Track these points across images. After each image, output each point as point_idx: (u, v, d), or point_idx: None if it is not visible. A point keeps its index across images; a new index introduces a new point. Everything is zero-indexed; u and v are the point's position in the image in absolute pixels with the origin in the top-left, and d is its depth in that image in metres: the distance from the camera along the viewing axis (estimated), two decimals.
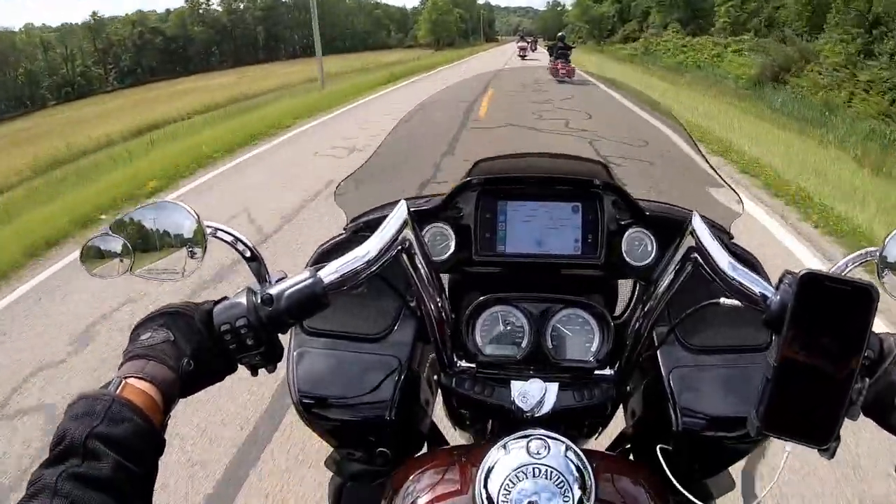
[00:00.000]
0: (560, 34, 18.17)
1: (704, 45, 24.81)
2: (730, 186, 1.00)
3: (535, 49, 40.69)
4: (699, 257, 0.65)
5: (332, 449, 0.89)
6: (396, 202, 0.69)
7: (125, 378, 0.54)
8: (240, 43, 78.50)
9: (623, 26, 42.77)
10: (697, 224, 0.66)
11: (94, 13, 72.14)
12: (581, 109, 1.91)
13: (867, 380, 0.54)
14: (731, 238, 0.92)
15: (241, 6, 78.15)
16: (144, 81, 63.80)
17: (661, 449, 0.74)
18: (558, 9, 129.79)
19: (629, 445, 0.92)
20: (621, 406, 0.93)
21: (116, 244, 0.63)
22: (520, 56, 33.25)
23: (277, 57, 76.12)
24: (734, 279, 0.61)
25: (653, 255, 0.85)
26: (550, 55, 16.84)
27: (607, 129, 1.44)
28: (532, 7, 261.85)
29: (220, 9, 76.90)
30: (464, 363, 0.78)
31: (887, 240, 0.65)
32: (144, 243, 0.64)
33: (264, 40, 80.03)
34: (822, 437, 0.51)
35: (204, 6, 78.07)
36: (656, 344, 0.81)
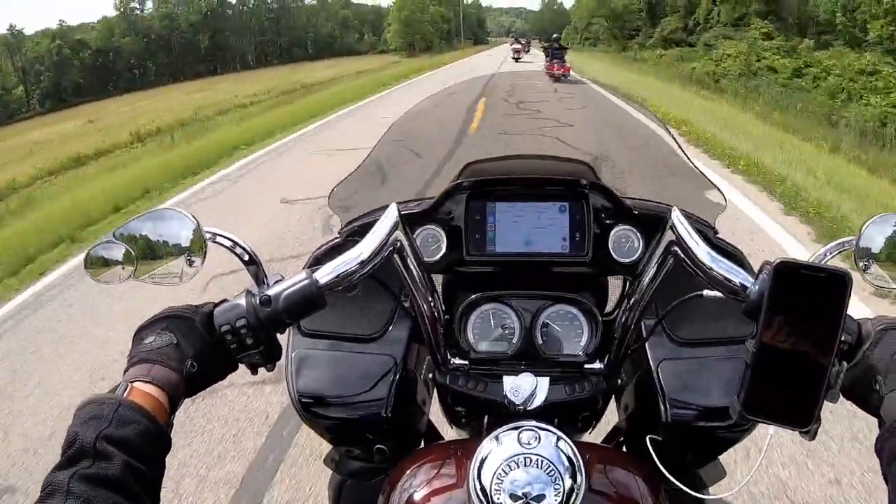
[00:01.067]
0: (555, 36, 18.10)
1: None
2: (713, 183, 1.02)
3: (528, 51, 37.22)
4: (679, 251, 0.66)
5: (331, 447, 0.90)
6: (388, 206, 0.71)
7: (131, 382, 0.56)
8: (178, 53, 65.52)
9: (658, 23, 30.42)
10: (677, 218, 0.67)
11: (13, 27, 60.13)
12: None
13: (845, 364, 0.55)
14: (716, 233, 0.93)
15: (178, 11, 64.77)
16: (70, 104, 52.27)
17: (650, 439, 0.75)
18: (555, 7, 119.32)
19: (622, 439, 0.93)
20: (615, 401, 0.93)
21: (118, 251, 0.65)
22: (513, 59, 31.28)
23: (225, 69, 63.71)
24: (714, 271, 0.62)
25: (639, 251, 0.86)
26: (546, 57, 16.52)
27: None
28: (525, 7, 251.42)
29: (153, 14, 63.81)
30: (457, 360, 0.80)
31: (863, 229, 0.66)
32: (146, 250, 0.66)
33: (208, 49, 66.78)
34: (803, 420, 0.53)
35: (138, 11, 65.12)
36: (644, 337, 0.82)
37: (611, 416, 0.92)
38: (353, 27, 79.54)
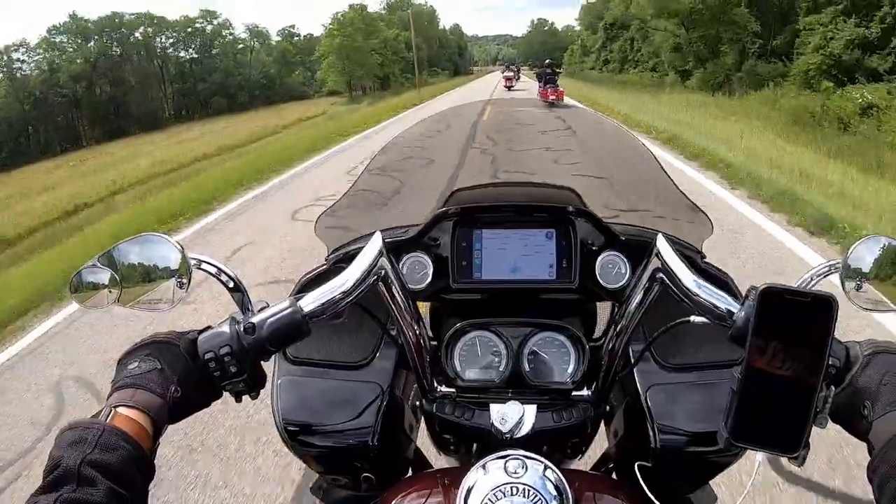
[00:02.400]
0: (547, 61, 17.15)
1: None
2: (699, 208, 1.02)
3: (519, 78, 33.72)
4: (665, 277, 0.67)
5: (317, 476, 0.89)
6: (373, 233, 0.71)
7: (115, 407, 0.55)
8: (65, 114, 50.67)
9: (786, 26, 14.54)
10: (662, 245, 0.68)
11: None
12: None
13: (833, 388, 0.55)
14: (704, 257, 0.93)
15: (61, 60, 46.18)
16: None
17: (639, 466, 0.74)
18: (545, 28, 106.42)
19: (612, 465, 0.92)
20: (605, 427, 0.93)
21: (104, 276, 0.64)
22: (506, 87, 29.29)
23: (144, 129, 48.63)
24: (700, 297, 0.62)
25: (626, 277, 0.86)
26: (539, 81, 16.05)
27: None
28: (511, 34, 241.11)
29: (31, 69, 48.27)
30: (444, 388, 0.80)
31: (848, 253, 0.66)
32: (131, 275, 0.65)
33: (103, 106, 51.69)
34: (791, 446, 0.52)
35: (24, 66, 49.90)
36: (633, 363, 0.82)
37: (601, 442, 0.91)
38: (296, 63, 64.55)
